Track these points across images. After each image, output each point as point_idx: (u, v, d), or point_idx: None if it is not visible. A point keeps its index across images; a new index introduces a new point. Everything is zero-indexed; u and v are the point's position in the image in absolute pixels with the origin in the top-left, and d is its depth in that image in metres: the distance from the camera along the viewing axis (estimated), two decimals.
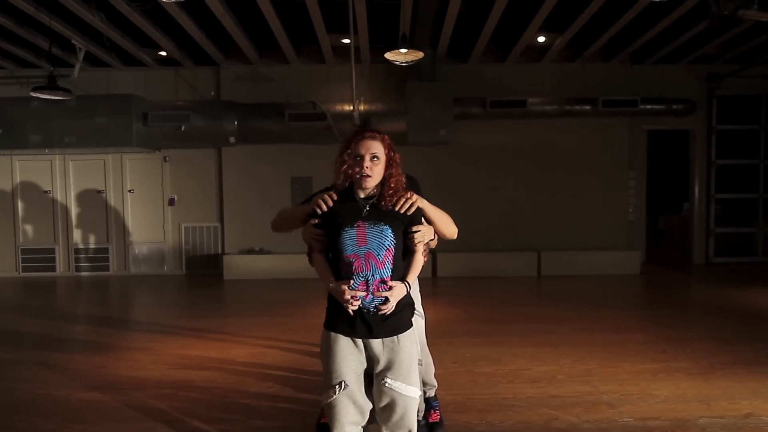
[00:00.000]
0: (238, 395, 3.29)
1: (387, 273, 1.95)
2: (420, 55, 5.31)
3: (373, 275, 1.93)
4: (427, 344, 2.80)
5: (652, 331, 4.72)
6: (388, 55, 5.35)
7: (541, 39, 7.40)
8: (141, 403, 3.16)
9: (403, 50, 5.26)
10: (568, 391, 3.28)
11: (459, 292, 6.70)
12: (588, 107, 7.80)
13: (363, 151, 1.95)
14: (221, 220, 8.35)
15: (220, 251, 8.35)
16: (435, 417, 2.78)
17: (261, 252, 8.06)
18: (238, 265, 7.88)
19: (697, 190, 8.65)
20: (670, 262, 8.84)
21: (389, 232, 1.95)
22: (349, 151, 1.97)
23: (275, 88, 8.02)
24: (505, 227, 8.12)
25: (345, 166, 1.97)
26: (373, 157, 1.95)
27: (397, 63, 5.53)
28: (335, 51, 7.54)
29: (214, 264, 8.30)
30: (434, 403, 2.84)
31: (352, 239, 1.94)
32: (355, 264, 1.92)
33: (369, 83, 7.90)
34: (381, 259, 1.94)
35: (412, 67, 7.21)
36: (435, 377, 2.89)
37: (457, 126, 7.61)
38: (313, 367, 3.84)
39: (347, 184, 2.00)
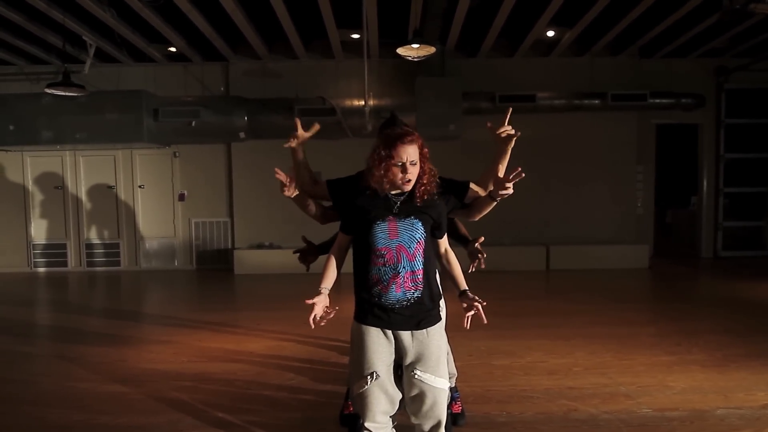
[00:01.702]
0: (260, 387, 3.34)
1: (418, 265, 2.00)
2: (432, 50, 5.31)
3: (404, 267, 1.98)
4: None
5: (664, 324, 4.76)
6: (399, 50, 5.35)
7: (551, 33, 7.40)
8: (165, 395, 3.22)
9: (415, 45, 5.26)
10: (585, 383, 3.33)
11: (468, 286, 6.73)
12: (597, 101, 7.80)
13: (404, 158, 1.97)
14: (231, 215, 8.40)
15: (230, 246, 8.41)
16: (457, 408, 2.82)
17: (271, 247, 8.11)
18: (248, 260, 7.93)
19: (705, 183, 8.66)
20: (678, 256, 8.87)
21: (420, 225, 2.01)
22: (391, 160, 1.96)
23: (284, 83, 8.05)
24: (514, 221, 8.15)
25: (389, 174, 1.97)
26: (413, 162, 1.99)
27: (409, 58, 5.53)
28: (344, 46, 7.56)
29: (224, 259, 8.36)
30: (455, 394, 2.89)
31: (383, 232, 1.99)
32: (387, 256, 1.97)
33: (378, 78, 7.91)
34: (412, 251, 1.99)
35: (421, 61, 7.21)
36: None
37: (466, 121, 7.63)
38: (331, 359, 3.89)
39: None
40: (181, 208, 8.45)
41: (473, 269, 2.83)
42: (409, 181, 1.99)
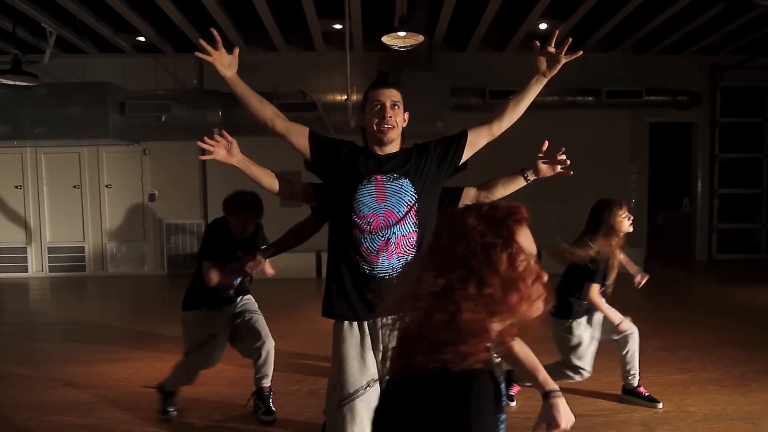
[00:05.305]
0: (224, 418, 2.90)
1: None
2: (420, 38, 4.91)
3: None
4: None
5: (669, 336, 4.42)
6: (385, 39, 4.94)
7: (543, 26, 7.05)
8: None
9: (402, 33, 4.86)
10: (595, 408, 2.96)
11: None
12: (591, 98, 7.49)
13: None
14: (205, 216, 7.89)
15: None
16: None
17: None
18: None
19: (699, 184, 8.39)
20: (671, 259, 8.57)
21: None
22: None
23: (262, 76, 7.57)
24: None
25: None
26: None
27: (395, 47, 5.13)
28: (326, 38, 7.14)
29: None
30: None
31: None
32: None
33: (362, 72, 7.49)
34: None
35: (408, 55, 6.82)
36: None
37: (455, 118, 7.23)
38: (305, 384, 3.46)
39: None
40: (151, 210, 7.93)
41: None
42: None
